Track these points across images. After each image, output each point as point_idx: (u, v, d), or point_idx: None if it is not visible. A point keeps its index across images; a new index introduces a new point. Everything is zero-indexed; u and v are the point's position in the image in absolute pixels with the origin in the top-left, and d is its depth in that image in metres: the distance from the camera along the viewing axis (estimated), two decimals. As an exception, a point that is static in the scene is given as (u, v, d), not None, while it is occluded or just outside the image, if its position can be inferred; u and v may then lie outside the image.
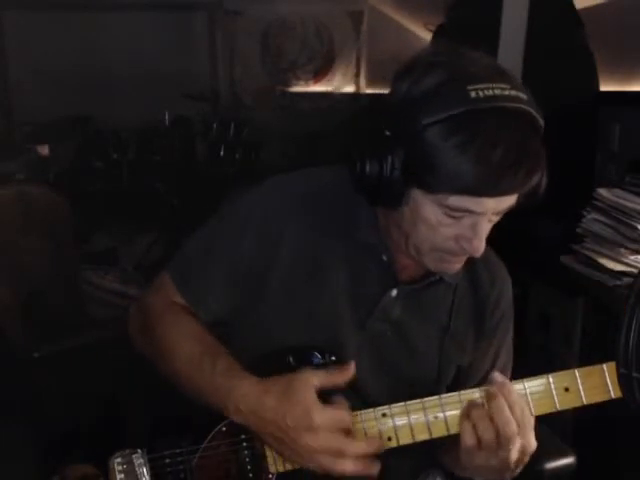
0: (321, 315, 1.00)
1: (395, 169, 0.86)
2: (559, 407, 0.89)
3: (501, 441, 0.86)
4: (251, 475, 0.96)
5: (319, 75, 5.13)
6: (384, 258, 1.00)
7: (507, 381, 0.90)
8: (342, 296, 1.01)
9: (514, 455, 0.88)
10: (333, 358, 0.96)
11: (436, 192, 0.86)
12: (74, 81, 4.57)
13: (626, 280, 1.73)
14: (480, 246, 0.90)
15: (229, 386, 0.92)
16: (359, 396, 0.96)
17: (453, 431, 0.90)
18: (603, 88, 2.48)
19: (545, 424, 1.00)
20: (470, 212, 0.87)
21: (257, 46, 5.18)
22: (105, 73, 4.68)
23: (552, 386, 0.89)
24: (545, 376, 0.89)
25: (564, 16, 2.45)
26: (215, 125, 4.43)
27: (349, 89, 5.08)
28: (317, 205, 1.02)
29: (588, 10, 2.46)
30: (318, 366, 0.95)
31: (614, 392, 0.88)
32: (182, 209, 4.02)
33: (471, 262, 0.99)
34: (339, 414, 0.88)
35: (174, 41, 4.93)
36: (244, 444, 0.97)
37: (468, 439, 0.88)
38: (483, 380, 1.08)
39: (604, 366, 0.88)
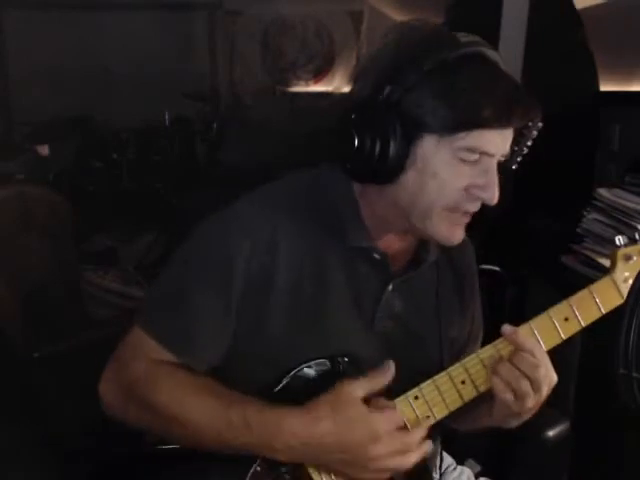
0: (330, 326, 0.97)
1: (400, 125, 0.87)
2: (564, 336, 0.94)
3: (535, 386, 0.90)
4: None
5: (319, 75, 5.14)
6: (376, 256, 0.99)
7: (516, 329, 0.92)
8: (345, 302, 0.99)
9: (545, 393, 0.91)
10: (346, 359, 0.95)
11: (453, 132, 0.87)
12: (74, 81, 4.57)
13: (626, 280, 1.73)
14: (496, 193, 0.91)
15: (272, 428, 0.85)
16: (380, 394, 0.94)
17: (482, 389, 0.93)
18: (603, 88, 2.48)
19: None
20: (483, 153, 0.89)
21: (257, 46, 5.19)
22: (105, 73, 4.69)
23: (554, 320, 0.93)
24: (544, 314, 0.94)
25: (564, 16, 2.45)
26: (215, 125, 4.43)
27: (349, 89, 5.07)
28: (302, 218, 0.97)
29: (588, 10, 2.46)
30: (338, 373, 0.93)
31: (604, 308, 0.95)
32: (182, 209, 4.02)
33: None
34: (392, 415, 0.88)
35: (174, 41, 4.94)
36: (286, 476, 0.92)
37: (506, 395, 0.90)
38: (470, 339, 1.13)
39: (590, 288, 0.95)
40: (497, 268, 1.76)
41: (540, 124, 0.94)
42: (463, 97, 0.85)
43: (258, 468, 0.91)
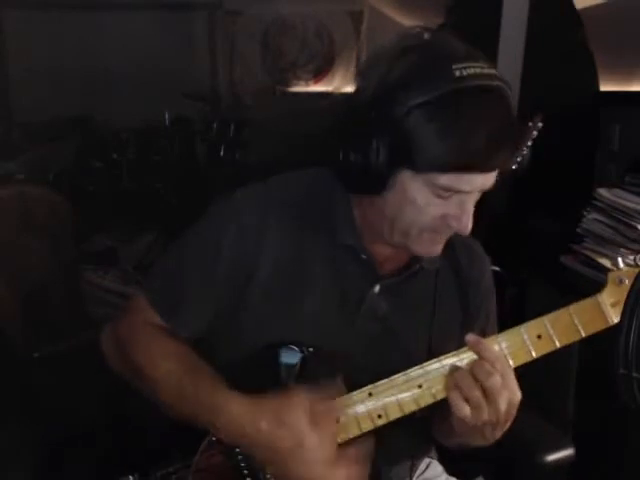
0: (307, 318, 1.00)
1: (381, 153, 0.87)
2: (535, 354, 0.92)
3: (487, 395, 0.87)
4: (249, 478, 0.96)
5: (319, 75, 5.14)
6: (363, 257, 1.01)
7: (481, 339, 0.91)
8: (327, 298, 1.01)
9: (502, 407, 0.88)
10: (311, 349, 0.96)
11: (426, 172, 0.87)
12: (74, 81, 4.57)
13: (626, 280, 1.72)
14: (469, 223, 0.91)
15: (216, 407, 0.91)
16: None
17: (440, 397, 0.92)
18: (603, 88, 2.48)
19: (545, 420, 1.01)
20: (459, 191, 0.88)
21: (257, 46, 5.19)
22: (105, 73, 4.69)
23: (525, 336, 0.91)
24: (516, 328, 0.92)
25: (564, 16, 2.45)
26: (215, 125, 4.43)
27: (349, 89, 5.08)
28: (296, 210, 1.01)
29: (588, 10, 2.46)
30: (302, 361, 0.96)
31: (584, 331, 0.91)
32: (182, 209, 4.02)
33: (449, 246, 1.00)
34: (328, 431, 0.89)
35: (174, 41, 4.94)
36: (237, 451, 0.96)
37: (458, 402, 0.89)
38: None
39: (570, 308, 0.91)
40: (497, 268, 1.76)
41: (540, 124, 0.94)
42: (441, 141, 0.84)
43: (213, 438, 0.96)
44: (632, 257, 0.96)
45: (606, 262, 1.81)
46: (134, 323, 1.03)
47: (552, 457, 1.26)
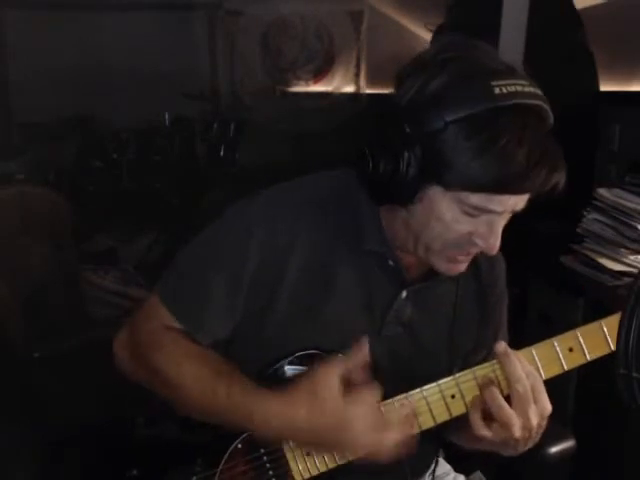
0: (334, 325, 0.98)
1: (412, 166, 0.84)
2: (566, 367, 0.92)
3: (516, 409, 0.87)
4: None
5: (319, 75, 5.13)
6: (391, 263, 0.99)
7: (510, 350, 0.90)
8: (354, 304, 1.00)
9: (534, 422, 0.88)
10: (340, 355, 0.94)
11: (457, 191, 0.85)
12: (74, 81, 4.56)
13: (626, 280, 1.73)
14: (497, 244, 0.90)
15: (251, 406, 0.90)
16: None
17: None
18: (603, 88, 2.48)
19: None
20: (489, 211, 0.87)
21: (257, 46, 5.18)
22: (105, 73, 4.68)
23: (557, 348, 0.91)
24: (549, 340, 0.91)
25: (564, 16, 2.45)
26: (215, 125, 4.43)
27: (349, 89, 5.07)
28: (326, 213, 0.99)
29: (588, 10, 2.46)
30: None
31: (614, 345, 0.90)
32: (182, 209, 4.02)
33: None
34: (366, 396, 0.88)
35: (174, 41, 4.93)
36: (265, 458, 0.96)
37: (478, 422, 0.89)
38: (484, 361, 1.10)
39: (602, 322, 0.91)
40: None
41: None
42: (475, 159, 0.81)
43: (239, 446, 0.96)
44: (632, 257, 0.96)
45: (606, 262, 1.81)
46: (154, 329, 1.00)
47: (553, 449, 1.27)
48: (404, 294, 1.01)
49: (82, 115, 4.47)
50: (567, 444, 1.29)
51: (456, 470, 1.26)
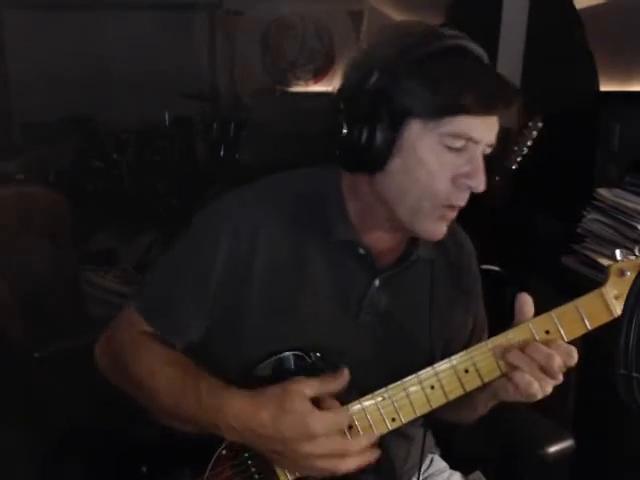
0: (310, 318, 0.99)
1: (386, 105, 0.90)
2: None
3: (550, 373, 0.91)
4: None
5: (319, 75, 5.13)
6: (361, 251, 1.00)
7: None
8: (328, 296, 1.01)
9: (559, 375, 0.93)
10: (318, 355, 0.96)
11: (438, 117, 0.89)
12: (74, 81, 4.57)
13: (626, 280, 1.72)
14: (483, 179, 0.93)
15: (218, 405, 0.90)
16: (358, 392, 0.95)
17: (452, 397, 0.92)
18: (603, 88, 2.48)
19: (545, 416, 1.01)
20: (469, 139, 0.90)
21: (257, 46, 5.18)
22: (105, 73, 4.68)
23: (533, 331, 0.92)
24: (525, 324, 0.93)
25: (564, 16, 2.45)
26: (215, 125, 4.43)
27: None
28: (288, 209, 1.01)
29: (588, 10, 2.46)
30: (305, 368, 0.95)
31: (590, 324, 0.93)
32: (182, 209, 4.02)
33: None
34: (335, 416, 0.88)
35: (174, 41, 4.93)
36: (249, 462, 0.95)
37: (525, 379, 0.90)
38: (473, 338, 1.13)
39: (576, 302, 0.93)
40: (497, 268, 1.76)
41: (540, 124, 0.94)
42: (447, 84, 0.89)
43: (224, 452, 0.95)
44: (632, 257, 0.96)
45: (606, 262, 1.81)
46: (127, 336, 1.02)
47: (553, 449, 1.27)
48: (377, 282, 1.02)
49: (82, 115, 4.47)
50: (567, 444, 1.29)
51: (454, 468, 1.26)
